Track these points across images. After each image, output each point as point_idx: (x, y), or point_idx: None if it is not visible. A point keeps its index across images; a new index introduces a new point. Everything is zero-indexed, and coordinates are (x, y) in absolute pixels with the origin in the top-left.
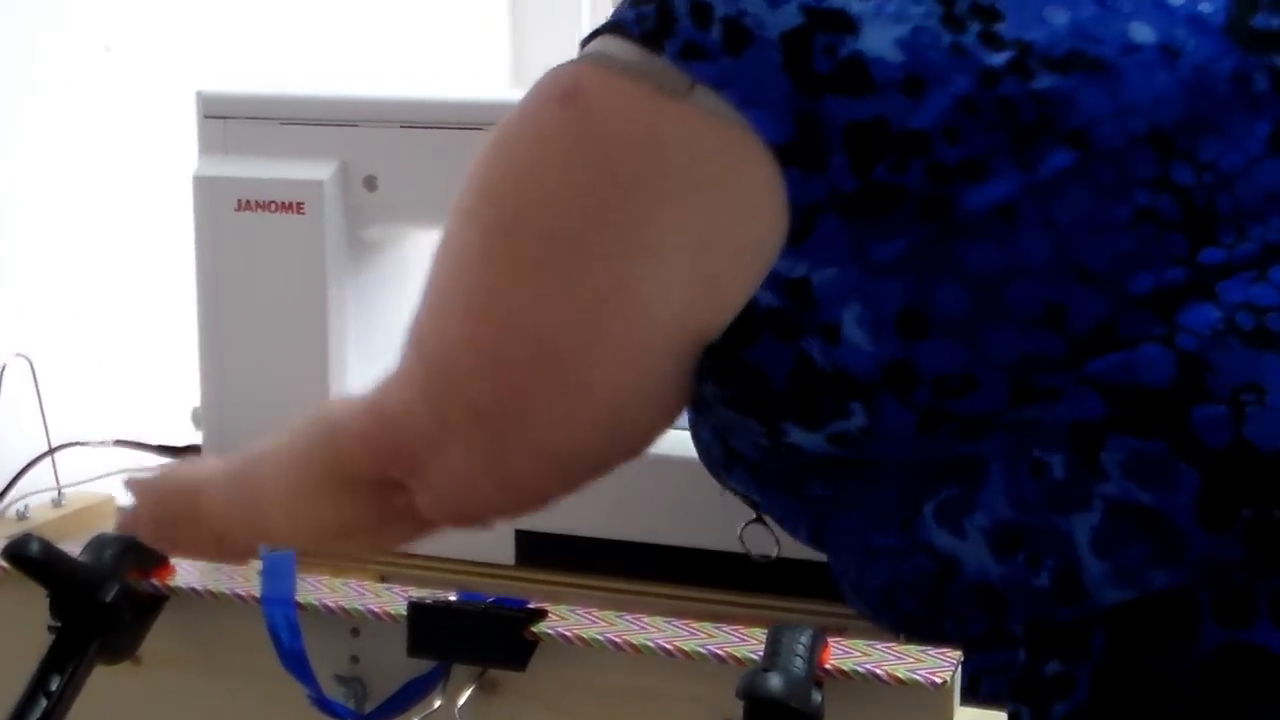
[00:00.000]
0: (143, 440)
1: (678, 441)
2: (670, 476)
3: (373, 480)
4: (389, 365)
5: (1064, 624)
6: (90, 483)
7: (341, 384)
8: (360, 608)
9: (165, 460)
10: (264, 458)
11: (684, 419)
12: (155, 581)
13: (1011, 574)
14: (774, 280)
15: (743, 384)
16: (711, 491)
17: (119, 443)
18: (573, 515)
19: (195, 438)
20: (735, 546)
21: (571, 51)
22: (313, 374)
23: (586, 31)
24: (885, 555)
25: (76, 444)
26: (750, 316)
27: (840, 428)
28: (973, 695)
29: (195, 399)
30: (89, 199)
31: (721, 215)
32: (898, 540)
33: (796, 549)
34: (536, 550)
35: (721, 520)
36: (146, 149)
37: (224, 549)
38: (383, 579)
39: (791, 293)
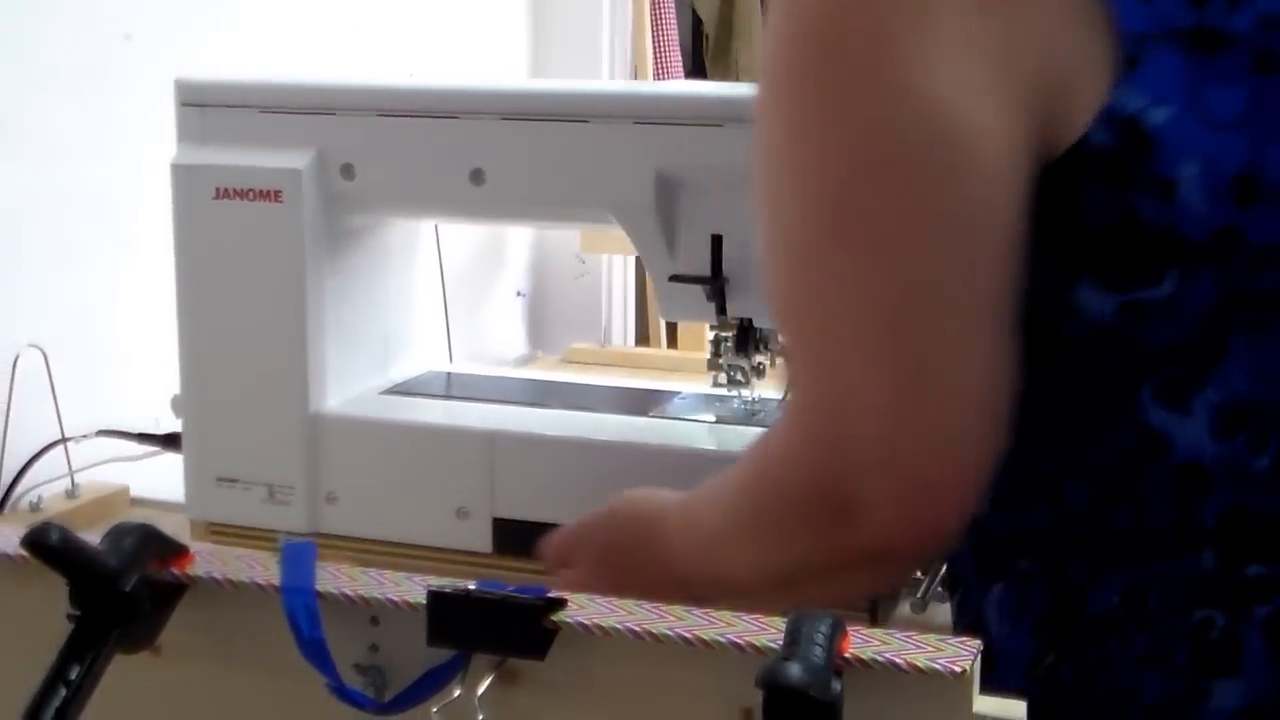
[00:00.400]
0: (124, 429)
1: (657, 430)
2: (648, 467)
3: (821, 515)
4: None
5: (1266, 515)
6: (100, 467)
7: (320, 371)
8: (380, 596)
9: (149, 449)
10: (713, 499)
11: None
12: (175, 570)
13: (1228, 454)
14: (1108, 116)
15: (1055, 225)
16: (683, 480)
17: (102, 433)
18: (550, 504)
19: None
20: None
21: (591, 46)
22: (291, 362)
23: (606, 24)
24: (1074, 435)
25: (65, 440)
26: (1080, 156)
27: (1142, 296)
28: (1134, 611)
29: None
30: (107, 189)
31: (1051, 36)
32: (1100, 417)
33: None
34: (514, 539)
35: None
36: (165, 139)
37: (678, 585)
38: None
39: (1126, 132)
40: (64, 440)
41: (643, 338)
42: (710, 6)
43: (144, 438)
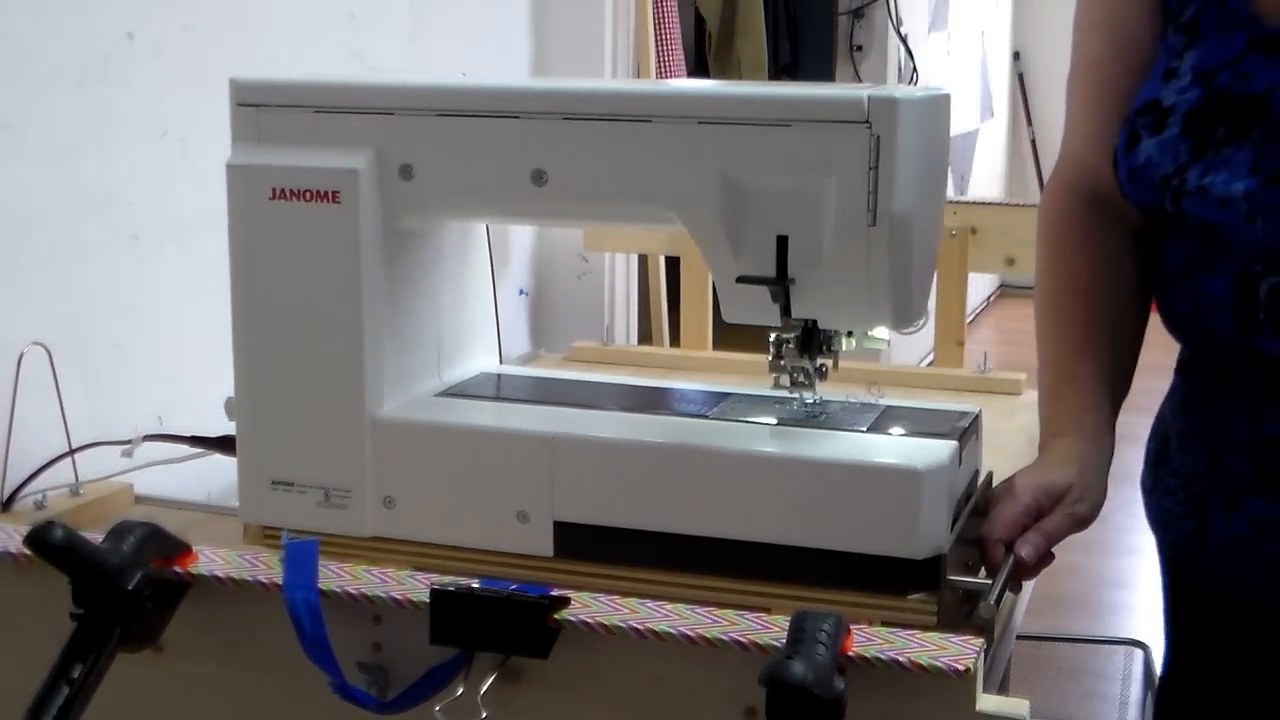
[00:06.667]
0: (174, 433)
1: (718, 432)
2: (710, 469)
3: None
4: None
5: None
6: (101, 466)
7: (376, 373)
8: (383, 595)
9: (198, 451)
10: None
11: (714, 408)
12: (177, 569)
13: None
14: None
15: None
16: (748, 483)
17: (150, 437)
18: (612, 507)
19: (229, 428)
20: (773, 538)
21: (593, 44)
22: (348, 364)
23: (609, 22)
24: None
25: (101, 443)
26: None
27: None
28: None
29: (228, 389)
30: (110, 186)
31: None
32: None
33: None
34: (575, 542)
35: (759, 512)
36: (169, 137)
37: None
38: (418, 570)
39: None
40: (71, 452)
41: (645, 336)
42: (713, 5)
43: (196, 440)
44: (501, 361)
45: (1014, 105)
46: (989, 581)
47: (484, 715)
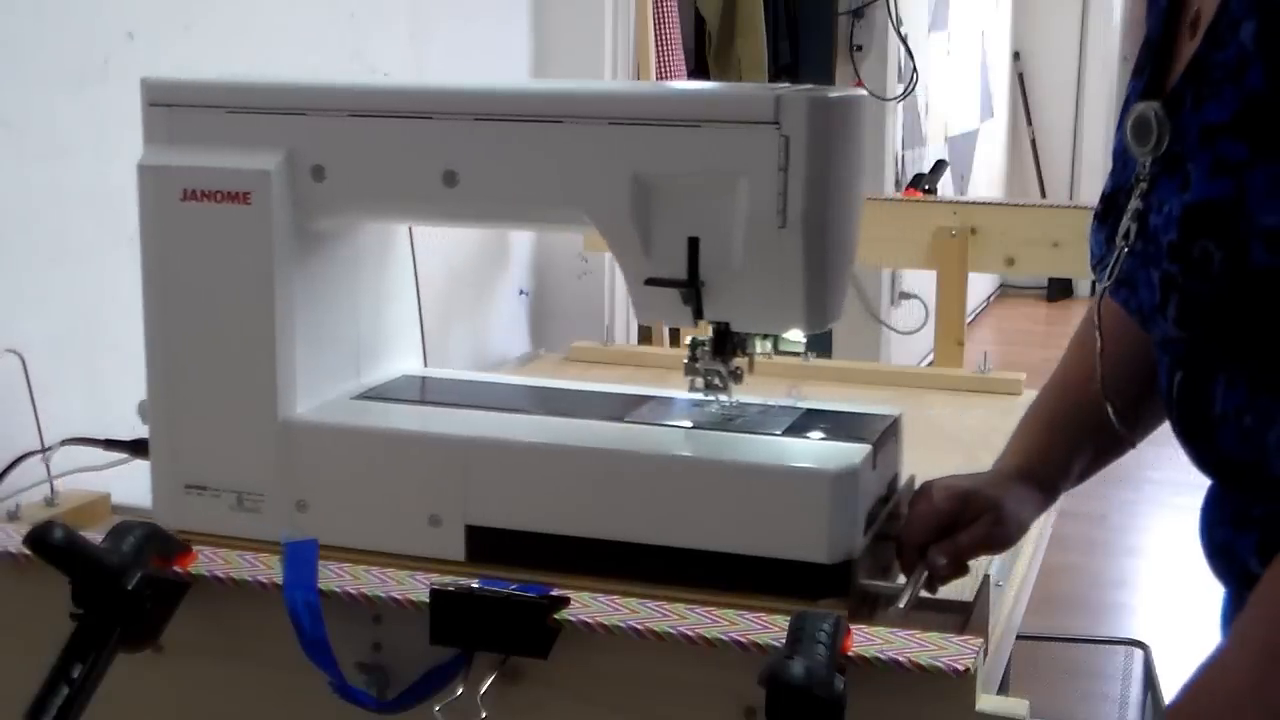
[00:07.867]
0: (91, 436)
1: (632, 436)
2: (622, 473)
3: None
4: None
5: None
6: (80, 474)
7: (289, 376)
8: (382, 595)
9: (117, 456)
10: None
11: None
12: (177, 569)
13: None
14: None
15: None
16: (660, 487)
17: (68, 441)
18: (524, 511)
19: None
20: (685, 542)
21: (593, 45)
22: (260, 367)
23: (609, 23)
24: None
25: (45, 450)
26: None
27: None
28: None
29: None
30: (95, 191)
31: None
32: None
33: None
34: (487, 546)
35: (671, 517)
36: None
37: None
38: None
39: None
40: (44, 450)
41: (645, 336)
42: (713, 5)
43: (111, 444)
44: (426, 364)
45: (1014, 105)
46: (901, 585)
47: (484, 715)
